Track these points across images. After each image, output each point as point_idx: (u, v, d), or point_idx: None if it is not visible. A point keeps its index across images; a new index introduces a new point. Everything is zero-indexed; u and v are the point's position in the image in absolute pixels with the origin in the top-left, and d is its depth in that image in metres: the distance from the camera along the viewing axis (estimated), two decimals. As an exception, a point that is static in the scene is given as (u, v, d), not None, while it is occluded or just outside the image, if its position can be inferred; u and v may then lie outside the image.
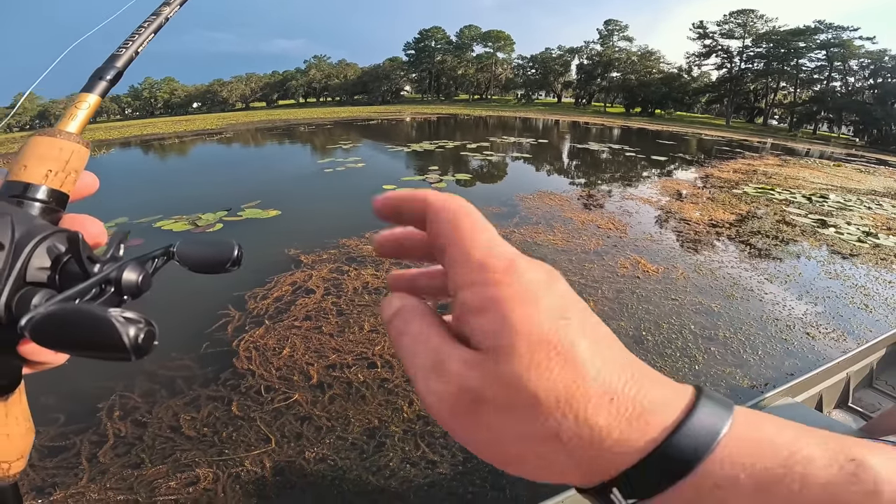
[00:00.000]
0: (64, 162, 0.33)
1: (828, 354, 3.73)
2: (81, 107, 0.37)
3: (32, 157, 0.32)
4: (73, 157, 0.34)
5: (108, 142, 22.45)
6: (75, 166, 0.34)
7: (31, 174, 0.31)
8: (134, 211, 7.41)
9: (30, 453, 0.31)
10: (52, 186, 0.32)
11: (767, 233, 7.00)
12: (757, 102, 49.10)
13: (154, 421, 2.81)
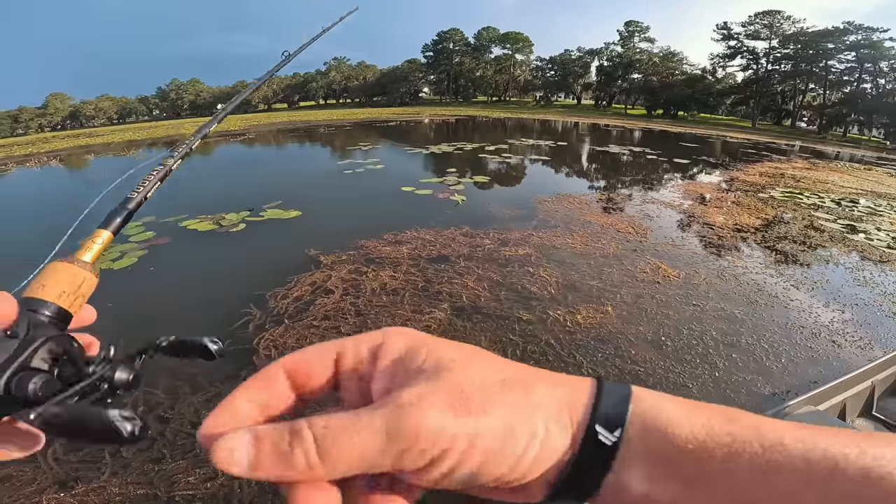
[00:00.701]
0: (76, 287, 0.38)
1: (854, 363, 3.61)
2: (97, 241, 0.44)
3: (51, 279, 0.37)
4: (84, 284, 0.39)
5: (136, 142, 23.13)
6: (84, 292, 0.39)
7: (47, 293, 0.36)
8: (161, 210, 7.61)
9: None
10: (61, 305, 0.36)
11: (794, 238, 6.80)
12: (784, 104, 47.71)
13: (176, 416, 2.87)
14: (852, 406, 2.44)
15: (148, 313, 4.38)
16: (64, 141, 26.16)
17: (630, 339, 3.79)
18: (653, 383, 3.26)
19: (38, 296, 0.36)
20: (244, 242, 6.29)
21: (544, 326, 3.93)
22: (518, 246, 5.77)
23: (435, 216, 7.00)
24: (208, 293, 4.81)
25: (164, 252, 5.91)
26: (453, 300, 4.34)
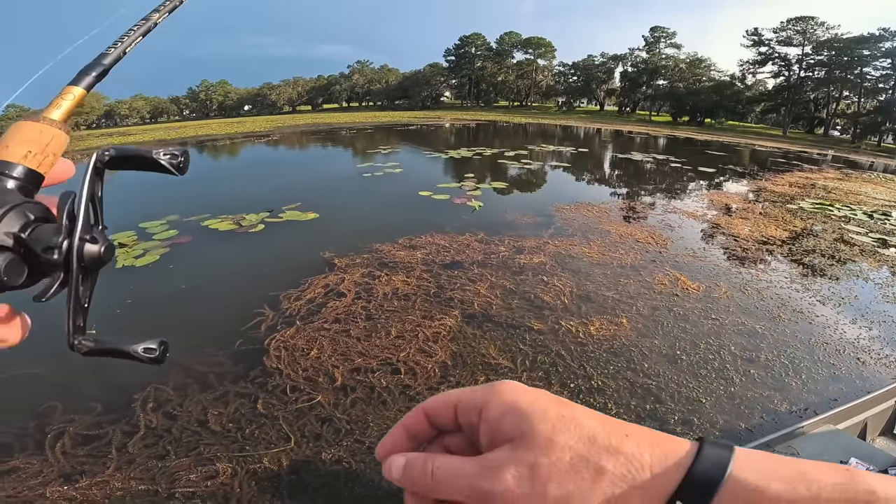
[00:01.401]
0: (44, 145, 0.35)
1: (878, 381, 3.46)
2: (67, 97, 0.39)
3: (15, 139, 0.34)
4: (53, 142, 0.35)
5: (166, 142, 23.85)
6: (54, 150, 0.35)
7: (10, 153, 0.33)
8: (185, 209, 7.82)
9: None
10: (29, 166, 0.33)
11: (823, 252, 6.55)
12: (817, 112, 46.15)
13: (184, 414, 2.93)
14: (873, 425, 2.38)
15: (163, 312, 4.49)
16: (98, 139, 27.17)
17: (644, 353, 3.70)
18: (665, 398, 3.18)
19: (3, 157, 0.33)
20: (262, 243, 6.40)
21: (556, 337, 3.87)
22: (533, 254, 5.71)
23: (451, 221, 6.99)
24: (224, 292, 4.90)
25: (185, 250, 6.06)
26: (464, 307, 4.32)
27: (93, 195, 0.33)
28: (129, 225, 6.98)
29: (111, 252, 0.32)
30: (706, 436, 0.32)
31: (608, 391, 3.23)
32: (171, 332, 4.04)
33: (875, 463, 1.88)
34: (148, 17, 0.52)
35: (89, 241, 0.31)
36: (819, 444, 2.05)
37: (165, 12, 0.53)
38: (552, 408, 0.32)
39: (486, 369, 3.41)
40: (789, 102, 44.86)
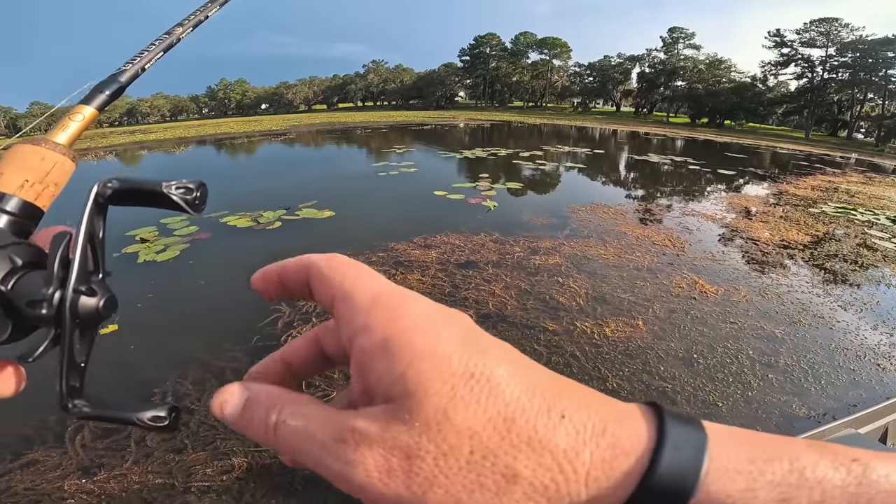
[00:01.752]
0: (44, 173, 0.30)
1: (899, 388, 3.39)
2: (75, 118, 0.36)
3: (11, 165, 0.30)
4: (54, 170, 0.31)
5: (186, 140, 24.31)
6: (55, 179, 0.31)
7: (5, 182, 0.29)
8: (206, 207, 7.95)
9: None
10: (25, 198, 0.29)
11: (845, 257, 6.40)
12: (841, 114, 45.07)
13: (201, 409, 2.98)
14: (894, 430, 2.33)
15: (183, 307, 4.58)
16: (120, 136, 27.82)
17: (660, 355, 3.66)
18: (680, 400, 3.15)
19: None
20: (279, 240, 6.48)
21: (570, 338, 3.86)
22: (548, 255, 5.69)
23: (466, 221, 7.00)
24: (241, 288, 4.97)
25: (204, 246, 6.17)
26: (479, 307, 4.33)
27: (92, 236, 0.28)
28: (151, 220, 7.13)
29: (112, 306, 0.27)
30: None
31: (623, 393, 3.21)
32: (191, 327, 4.14)
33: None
34: (171, 31, 0.49)
35: (85, 293, 0.26)
36: None
37: (190, 27, 0.51)
38: (461, 355, 0.21)
39: (500, 369, 3.42)
40: (812, 104, 43.91)
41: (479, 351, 0.22)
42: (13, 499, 2.31)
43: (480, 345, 0.22)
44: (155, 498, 2.34)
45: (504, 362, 0.22)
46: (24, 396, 1.06)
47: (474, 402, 0.20)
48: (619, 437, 0.20)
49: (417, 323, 0.23)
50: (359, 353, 0.23)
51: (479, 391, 0.21)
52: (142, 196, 0.29)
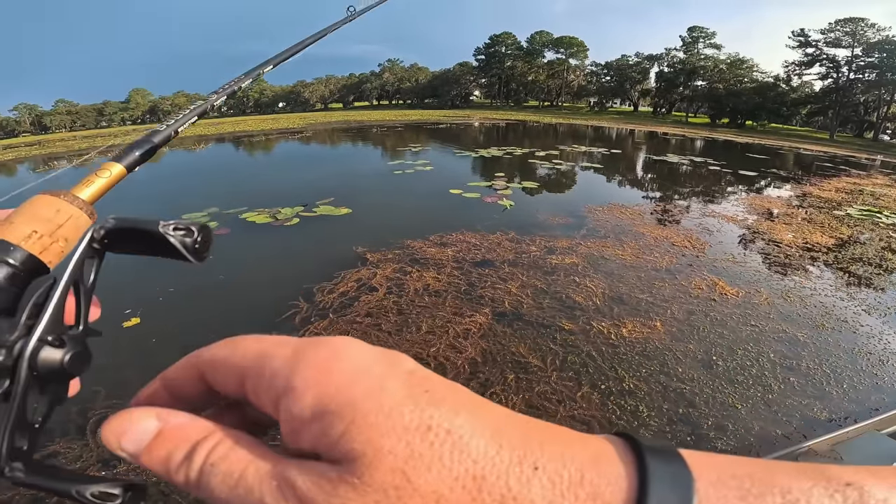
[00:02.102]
0: (55, 226, 0.28)
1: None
2: (103, 175, 0.34)
3: (24, 214, 0.28)
4: (67, 224, 0.29)
5: (206, 137, 24.75)
6: (66, 234, 0.28)
7: (13, 231, 0.26)
8: (224, 202, 8.13)
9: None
10: (29, 250, 0.26)
11: (870, 260, 6.23)
12: (867, 115, 43.77)
13: (223, 400, 3.04)
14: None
15: (203, 301, 4.68)
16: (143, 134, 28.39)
17: (678, 357, 3.62)
18: (699, 402, 3.10)
19: (2, 235, 0.26)
20: (296, 236, 6.57)
21: (587, 338, 3.83)
22: (565, 254, 5.66)
23: (482, 220, 7.00)
24: (260, 284, 5.06)
25: (223, 242, 6.29)
26: (495, 305, 4.33)
27: (78, 282, 0.26)
28: (173, 215, 7.24)
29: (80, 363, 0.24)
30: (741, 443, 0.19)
31: (640, 394, 3.18)
32: (210, 321, 4.22)
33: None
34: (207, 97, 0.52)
35: (51, 343, 0.23)
36: (862, 449, 2.04)
37: (224, 94, 0.54)
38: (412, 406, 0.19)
39: (515, 367, 3.42)
40: (837, 105, 42.75)
41: (431, 400, 0.19)
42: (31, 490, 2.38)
43: (431, 392, 0.20)
44: (173, 490, 2.38)
45: (462, 410, 0.20)
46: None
47: (437, 459, 0.18)
48: (599, 486, 0.18)
49: (354, 376, 0.20)
50: (288, 419, 0.20)
51: (439, 446, 0.18)
52: (138, 238, 0.27)
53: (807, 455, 1.99)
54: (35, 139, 41.84)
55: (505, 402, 3.02)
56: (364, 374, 0.20)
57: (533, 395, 3.10)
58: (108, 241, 0.27)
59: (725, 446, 2.73)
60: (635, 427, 2.86)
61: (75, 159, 18.54)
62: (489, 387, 3.17)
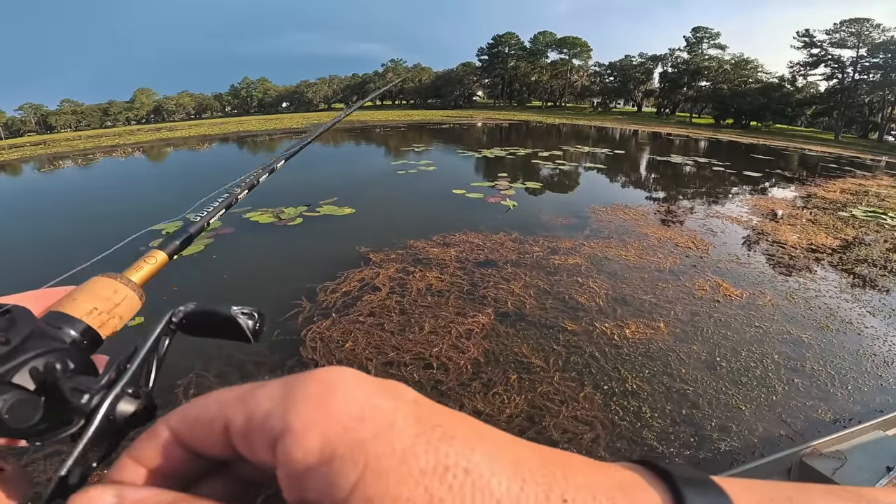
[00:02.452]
0: (113, 304, 0.33)
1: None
2: (150, 262, 0.40)
3: (85, 293, 0.32)
4: (123, 303, 0.34)
5: (209, 137, 24.84)
6: (121, 313, 0.33)
7: (76, 307, 0.30)
8: (226, 201, 8.14)
9: None
10: (90, 324, 0.30)
11: (875, 262, 6.19)
12: (872, 116, 43.52)
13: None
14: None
15: (207, 300, 4.68)
16: (148, 134, 28.59)
17: (681, 358, 3.60)
18: (702, 403, 3.09)
19: (66, 310, 0.30)
20: (300, 236, 6.58)
21: (590, 338, 3.82)
22: (568, 255, 5.65)
23: (485, 220, 7.00)
24: (263, 283, 5.08)
25: (227, 241, 6.31)
26: (498, 305, 4.32)
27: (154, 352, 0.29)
28: (176, 215, 7.32)
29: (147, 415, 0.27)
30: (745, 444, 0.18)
31: (643, 395, 3.17)
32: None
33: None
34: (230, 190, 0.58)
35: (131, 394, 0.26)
36: (867, 448, 2.04)
37: (246, 188, 0.60)
38: (425, 446, 0.18)
39: (518, 367, 3.41)
40: (842, 106, 42.52)
41: (444, 436, 0.18)
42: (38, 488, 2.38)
43: (441, 428, 0.19)
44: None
45: (477, 445, 0.18)
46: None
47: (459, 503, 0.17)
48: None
49: (359, 411, 0.18)
50: (288, 464, 0.18)
51: (459, 489, 0.17)
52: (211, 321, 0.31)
53: (811, 455, 1.98)
54: (40, 139, 42.11)
55: (507, 403, 3.02)
56: (370, 410, 0.19)
57: (535, 396, 3.10)
58: (184, 322, 0.31)
59: (729, 448, 2.72)
60: (638, 428, 2.85)
61: (80, 159, 18.65)
62: (492, 387, 3.17)
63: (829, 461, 1.96)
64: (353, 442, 0.17)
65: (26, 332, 0.26)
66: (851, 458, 1.95)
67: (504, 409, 2.96)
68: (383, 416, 0.18)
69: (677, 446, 2.72)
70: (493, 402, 3.02)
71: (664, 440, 2.76)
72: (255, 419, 0.19)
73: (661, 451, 2.67)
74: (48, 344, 0.26)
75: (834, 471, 1.90)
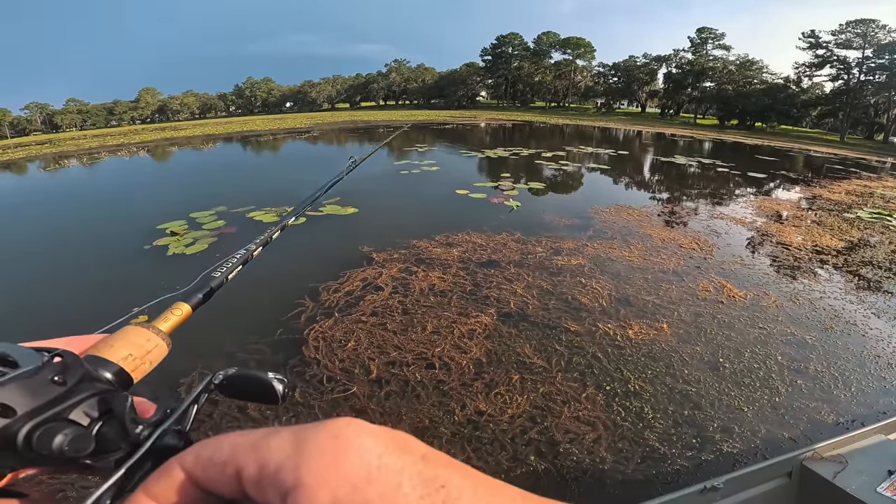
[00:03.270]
0: (145, 352, 0.37)
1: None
2: (176, 313, 0.45)
3: (121, 340, 0.36)
4: (154, 351, 0.38)
5: (214, 137, 24.93)
6: (152, 359, 0.38)
7: (113, 353, 0.35)
8: (232, 201, 8.18)
9: None
10: (124, 367, 0.34)
11: (880, 263, 6.15)
12: (878, 118, 43.26)
13: (225, 400, 3.04)
14: None
15: (210, 300, 4.69)
16: (152, 133, 28.71)
17: (684, 359, 3.59)
18: (704, 404, 3.08)
19: (103, 355, 0.34)
20: (302, 235, 6.59)
21: (592, 339, 3.81)
22: (571, 255, 5.64)
23: (488, 220, 6.99)
24: (266, 282, 5.08)
25: (231, 240, 6.32)
26: (500, 305, 4.32)
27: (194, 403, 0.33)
28: (181, 214, 7.35)
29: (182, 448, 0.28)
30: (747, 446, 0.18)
31: (645, 395, 3.16)
32: (217, 318, 4.23)
33: None
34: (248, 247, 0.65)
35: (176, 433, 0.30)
36: (868, 452, 2.01)
37: (260, 245, 0.67)
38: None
39: (520, 367, 3.41)
40: (848, 107, 42.28)
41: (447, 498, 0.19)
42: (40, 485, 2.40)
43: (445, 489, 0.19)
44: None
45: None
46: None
47: None
48: None
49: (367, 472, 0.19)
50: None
51: None
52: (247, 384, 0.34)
53: (812, 459, 1.97)
54: (46, 138, 42.33)
55: (510, 403, 3.01)
56: (377, 470, 0.19)
57: (538, 396, 3.09)
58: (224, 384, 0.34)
59: (731, 449, 2.70)
60: (640, 429, 2.84)
61: (85, 158, 18.74)
62: (493, 387, 3.17)
63: (830, 465, 1.94)
64: (361, 502, 0.18)
65: (79, 375, 0.29)
66: (853, 462, 1.94)
67: (506, 410, 2.95)
68: (390, 477, 0.19)
69: (679, 447, 2.71)
70: (495, 403, 3.02)
71: (666, 441, 2.75)
72: (267, 469, 0.20)
73: (664, 453, 2.66)
74: (95, 386, 0.29)
75: (835, 474, 1.89)
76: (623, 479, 2.49)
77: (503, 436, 2.75)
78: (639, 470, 2.55)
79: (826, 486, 1.88)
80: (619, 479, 2.49)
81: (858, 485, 1.83)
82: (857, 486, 1.82)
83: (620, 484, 2.46)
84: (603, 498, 2.38)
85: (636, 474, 2.52)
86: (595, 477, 2.50)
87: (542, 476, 2.49)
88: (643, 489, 2.41)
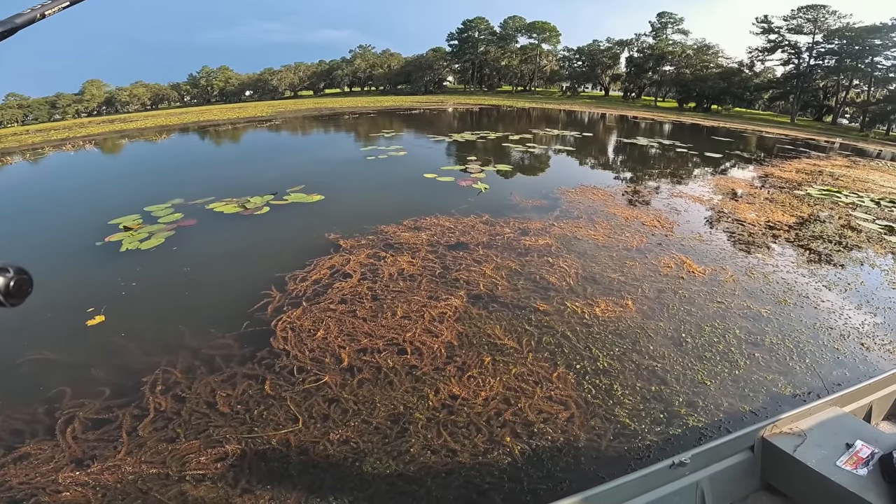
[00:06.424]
0: None
1: (881, 366, 3.47)
2: None
3: None
4: None
5: (168, 127, 23.71)
6: None
7: None
8: (190, 192, 7.80)
9: None
10: None
11: (830, 238, 6.50)
12: (826, 100, 45.51)
13: (192, 396, 2.94)
14: (879, 409, 2.41)
15: (169, 295, 4.49)
16: (99, 126, 27.01)
17: (649, 335, 3.69)
18: (670, 380, 3.18)
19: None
20: (267, 225, 6.38)
21: (561, 318, 3.87)
22: (538, 236, 5.68)
23: (456, 204, 6.96)
24: (230, 274, 4.90)
25: (190, 233, 6.05)
26: (470, 288, 4.31)
27: None
28: (135, 208, 6.96)
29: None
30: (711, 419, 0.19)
31: (614, 372, 3.24)
32: (178, 314, 4.05)
33: (880, 446, 1.89)
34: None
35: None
36: (825, 425, 2.07)
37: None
38: None
39: (491, 349, 3.42)
40: (798, 90, 44.22)
41: None
42: (9, 493, 2.26)
43: None
44: (150, 488, 2.30)
45: None
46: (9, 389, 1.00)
47: None
48: None
49: None
50: None
51: None
52: None
53: (772, 434, 2.02)
54: None
55: (483, 385, 3.02)
56: None
57: (510, 378, 3.11)
58: None
59: (697, 423, 2.80)
60: (610, 406, 2.90)
61: (28, 154, 17.51)
62: (466, 370, 3.17)
63: (789, 438, 2.00)
64: None
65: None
66: (811, 436, 1.99)
67: (480, 392, 2.96)
68: None
69: (648, 423, 2.78)
70: (468, 386, 3.02)
71: (636, 417, 2.82)
72: None
73: (634, 429, 2.73)
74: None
75: (795, 448, 1.93)
76: (597, 455, 2.54)
77: (478, 419, 2.75)
78: (611, 447, 2.60)
79: (787, 459, 1.93)
80: (593, 456, 2.54)
81: (818, 459, 1.87)
82: (817, 461, 1.86)
83: (595, 461, 2.51)
84: (579, 475, 2.42)
85: (609, 451, 2.58)
86: (571, 455, 2.54)
87: (518, 457, 2.51)
88: (616, 466, 2.46)
